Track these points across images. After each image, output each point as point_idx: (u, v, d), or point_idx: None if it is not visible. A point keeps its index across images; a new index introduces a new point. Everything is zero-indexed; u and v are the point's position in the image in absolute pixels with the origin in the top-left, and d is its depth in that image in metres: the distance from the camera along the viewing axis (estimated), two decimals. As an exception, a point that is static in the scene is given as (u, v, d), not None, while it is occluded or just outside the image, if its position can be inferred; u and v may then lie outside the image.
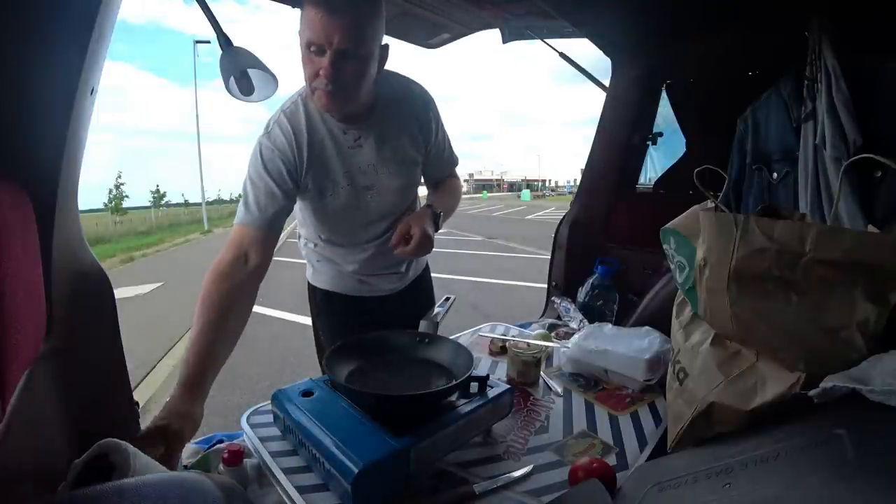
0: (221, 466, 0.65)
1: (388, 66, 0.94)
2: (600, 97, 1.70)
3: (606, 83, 1.68)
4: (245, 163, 0.94)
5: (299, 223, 1.17)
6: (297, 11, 0.84)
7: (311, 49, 0.80)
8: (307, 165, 0.93)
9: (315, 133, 0.93)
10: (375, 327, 0.84)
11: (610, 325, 1.02)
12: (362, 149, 0.97)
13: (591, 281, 1.34)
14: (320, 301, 1.21)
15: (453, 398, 0.68)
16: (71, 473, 0.52)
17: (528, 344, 0.93)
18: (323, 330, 1.24)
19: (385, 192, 1.02)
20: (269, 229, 0.90)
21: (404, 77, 1.03)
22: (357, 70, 0.83)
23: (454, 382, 0.66)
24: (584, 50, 1.72)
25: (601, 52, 1.60)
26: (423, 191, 1.18)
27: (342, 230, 1.08)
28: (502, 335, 1.14)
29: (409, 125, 1.02)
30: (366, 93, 0.90)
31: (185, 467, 0.76)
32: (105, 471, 0.53)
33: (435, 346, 0.80)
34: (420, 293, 1.27)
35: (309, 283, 1.24)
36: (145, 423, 0.70)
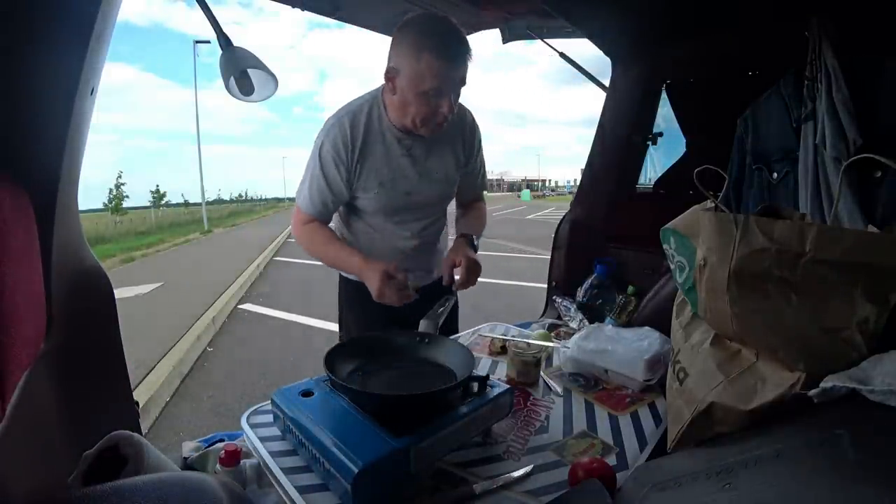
0: (218, 466, 0.65)
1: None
2: (596, 97, 1.70)
3: (606, 83, 1.68)
4: (247, 164, 0.96)
5: (342, 219, 1.21)
6: (297, 12, 0.84)
7: (430, 94, 0.93)
8: (358, 165, 1.03)
9: (370, 136, 1.03)
10: (401, 321, 0.92)
11: (610, 326, 1.02)
12: (410, 158, 1.06)
13: (590, 281, 1.35)
14: (352, 294, 1.24)
15: (454, 398, 0.68)
16: (82, 464, 0.52)
17: (528, 344, 0.93)
18: (349, 324, 1.28)
19: (422, 200, 1.12)
20: (326, 217, 1.12)
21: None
22: (457, 102, 0.99)
23: (454, 382, 0.66)
24: (585, 50, 1.72)
25: (601, 52, 1.60)
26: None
27: (382, 229, 1.15)
28: (502, 335, 1.14)
29: (455, 144, 1.13)
30: None
31: (185, 459, 0.76)
32: (116, 463, 0.53)
33: (435, 347, 0.80)
34: (443, 290, 1.34)
35: (342, 276, 1.27)
36: (145, 423, 0.70)
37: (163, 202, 24.42)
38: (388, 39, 0.97)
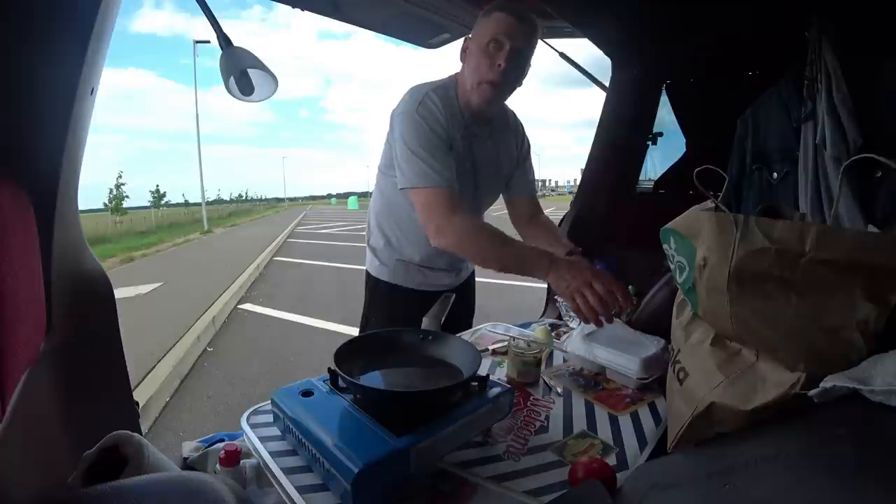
0: (218, 466, 0.65)
1: (393, 67, 0.98)
2: (595, 101, 1.70)
3: (606, 83, 1.68)
4: (248, 165, 0.95)
5: (385, 201, 1.17)
6: (308, 24, 0.85)
7: (491, 45, 0.96)
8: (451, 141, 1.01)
9: (452, 117, 1.02)
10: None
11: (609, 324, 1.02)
12: (477, 142, 1.08)
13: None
14: (381, 291, 1.23)
15: (455, 397, 0.68)
16: (81, 464, 0.52)
17: (529, 344, 0.93)
18: (377, 320, 1.26)
19: (481, 193, 1.12)
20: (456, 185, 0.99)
21: None
22: (518, 72, 1.01)
23: (463, 379, 0.67)
24: (585, 50, 1.73)
25: (601, 52, 1.60)
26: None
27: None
28: (502, 335, 1.14)
29: (511, 137, 1.17)
30: (506, 97, 1.07)
31: (185, 459, 0.76)
32: (116, 463, 0.53)
33: (441, 344, 0.80)
34: (469, 291, 1.38)
35: (370, 274, 1.26)
36: (145, 423, 0.70)
37: (163, 202, 24.40)
38: (390, 40, 0.98)
